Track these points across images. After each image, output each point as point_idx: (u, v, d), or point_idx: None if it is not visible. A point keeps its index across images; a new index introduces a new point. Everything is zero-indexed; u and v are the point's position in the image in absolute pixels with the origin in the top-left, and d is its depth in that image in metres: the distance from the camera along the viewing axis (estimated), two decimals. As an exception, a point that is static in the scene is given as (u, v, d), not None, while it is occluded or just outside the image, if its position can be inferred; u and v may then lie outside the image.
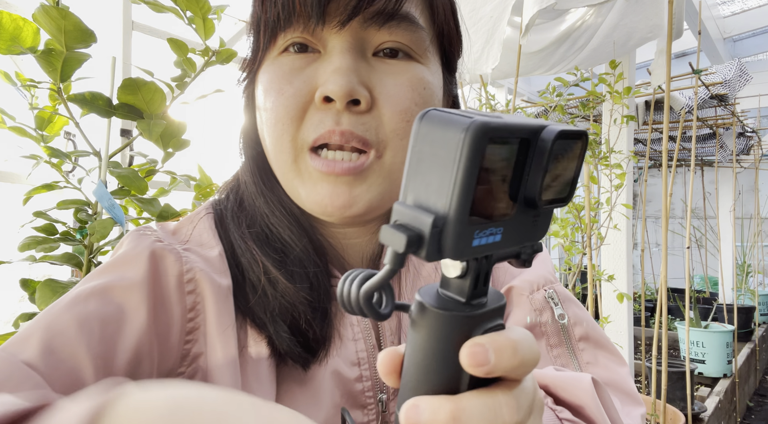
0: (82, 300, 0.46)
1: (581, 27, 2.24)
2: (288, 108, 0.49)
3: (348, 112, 0.48)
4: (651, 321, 4.42)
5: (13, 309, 1.29)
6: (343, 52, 0.48)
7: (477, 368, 0.27)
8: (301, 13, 0.48)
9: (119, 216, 1.08)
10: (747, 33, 5.26)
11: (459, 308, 0.27)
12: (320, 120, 0.48)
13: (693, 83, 2.62)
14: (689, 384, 2.37)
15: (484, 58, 1.96)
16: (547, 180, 0.27)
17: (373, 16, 0.48)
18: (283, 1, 0.48)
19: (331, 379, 0.52)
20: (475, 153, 0.24)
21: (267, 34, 0.51)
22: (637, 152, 4.41)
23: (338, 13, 0.48)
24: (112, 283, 0.48)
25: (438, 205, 0.25)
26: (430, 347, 0.28)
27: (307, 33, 0.49)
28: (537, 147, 0.26)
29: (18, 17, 0.99)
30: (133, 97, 1.13)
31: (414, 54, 0.51)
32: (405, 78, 0.50)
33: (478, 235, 0.26)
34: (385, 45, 0.50)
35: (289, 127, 0.49)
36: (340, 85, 0.46)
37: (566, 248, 2.05)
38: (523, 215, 0.28)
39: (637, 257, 5.44)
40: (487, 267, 0.28)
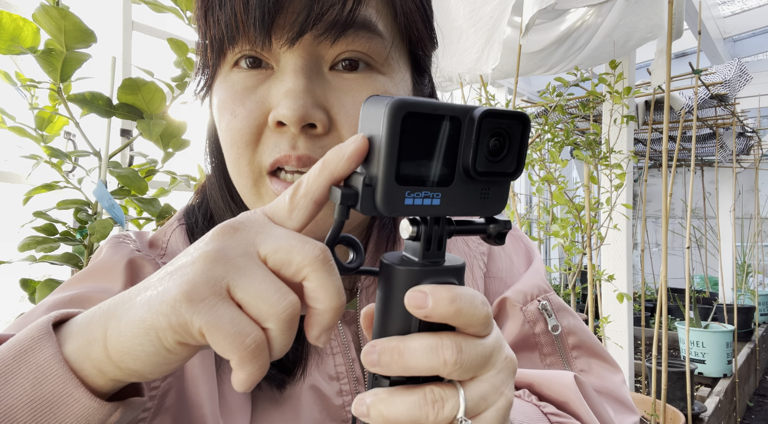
0: (60, 308, 0.45)
1: (581, 27, 2.24)
2: (242, 132, 0.46)
3: (304, 135, 0.45)
4: (651, 321, 4.42)
5: (13, 309, 1.29)
6: (295, 71, 0.44)
7: (416, 311, 0.30)
8: (245, 32, 0.44)
9: (119, 216, 1.08)
10: (747, 33, 5.26)
11: (410, 264, 0.32)
12: (275, 144, 0.46)
13: (693, 83, 2.62)
14: (689, 384, 2.37)
15: (484, 58, 1.96)
16: (484, 154, 0.31)
17: (326, 29, 0.43)
18: (226, 20, 0.44)
19: (310, 395, 0.50)
20: (393, 123, 0.29)
21: (215, 50, 0.47)
22: (637, 152, 4.41)
23: (286, 30, 0.43)
24: (90, 293, 0.48)
25: (371, 168, 0.30)
26: (386, 298, 0.32)
27: (257, 48, 0.46)
28: (466, 124, 0.30)
29: (18, 17, 0.99)
30: (133, 97, 1.13)
31: (375, 64, 0.47)
32: (365, 95, 0.46)
33: (410, 195, 0.30)
34: (343, 56, 0.46)
35: (245, 151, 0.47)
36: (293, 110, 0.43)
37: (566, 248, 2.05)
38: (465, 186, 0.32)
39: (637, 257, 5.44)
40: (440, 232, 0.32)
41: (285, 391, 0.50)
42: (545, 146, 2.39)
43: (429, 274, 0.32)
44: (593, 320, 2.17)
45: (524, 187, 5.09)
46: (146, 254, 0.53)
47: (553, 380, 0.49)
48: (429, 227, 0.32)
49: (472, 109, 0.30)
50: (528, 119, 0.32)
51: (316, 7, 0.42)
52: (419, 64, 0.53)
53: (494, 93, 3.99)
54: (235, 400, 0.49)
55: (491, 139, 0.31)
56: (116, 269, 0.50)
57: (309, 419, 0.50)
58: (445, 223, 0.33)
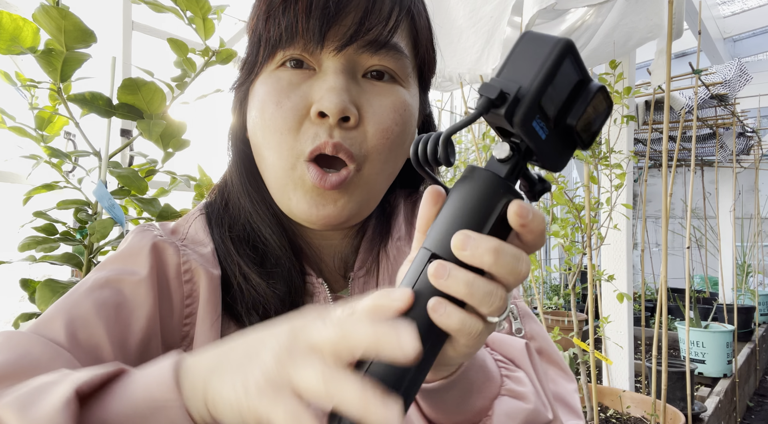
0: (97, 288, 0.53)
1: (581, 27, 2.24)
2: (286, 120, 0.54)
3: (339, 127, 0.53)
4: (651, 321, 4.42)
5: (13, 309, 1.29)
6: (337, 72, 0.54)
7: (520, 220, 0.35)
8: (303, 37, 0.53)
9: (119, 216, 1.08)
10: (747, 33, 5.26)
11: (500, 174, 0.37)
12: (316, 133, 0.53)
13: (693, 83, 2.62)
14: (689, 384, 2.37)
15: (484, 58, 1.96)
16: (583, 121, 0.36)
17: (367, 44, 0.54)
18: (287, 24, 0.53)
19: None
20: (559, 56, 0.34)
21: (267, 50, 0.55)
22: (637, 152, 4.41)
23: (336, 40, 0.53)
24: (122, 275, 0.55)
25: (524, 82, 0.34)
26: (472, 197, 0.36)
27: (306, 52, 0.55)
28: (587, 89, 0.36)
29: (18, 17, 0.99)
30: (133, 97, 1.13)
31: (398, 78, 0.58)
32: (389, 100, 0.56)
33: (537, 120, 0.35)
34: (374, 68, 0.56)
35: (287, 136, 0.54)
36: (335, 103, 0.51)
37: (566, 248, 2.05)
38: (558, 138, 0.37)
39: (637, 257, 5.43)
40: (522, 164, 0.37)
41: None
42: (545, 146, 2.39)
43: (510, 189, 0.36)
44: (593, 320, 2.17)
45: (524, 187, 5.08)
46: (168, 238, 0.59)
47: (505, 341, 0.57)
48: (521, 156, 0.37)
49: (591, 80, 0.36)
50: (611, 111, 0.38)
51: (366, 24, 0.53)
52: (425, 83, 0.64)
53: (494, 93, 3.99)
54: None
55: (592, 112, 0.36)
56: (142, 253, 0.56)
57: None
58: (529, 158, 0.37)
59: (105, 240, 1.09)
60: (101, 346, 0.50)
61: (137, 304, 0.53)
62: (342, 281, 0.65)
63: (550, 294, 4.90)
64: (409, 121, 0.58)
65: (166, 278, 0.56)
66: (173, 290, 0.56)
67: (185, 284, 0.56)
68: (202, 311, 0.56)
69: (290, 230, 0.62)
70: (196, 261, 0.57)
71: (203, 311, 0.55)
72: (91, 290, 0.53)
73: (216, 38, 1.24)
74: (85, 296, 0.52)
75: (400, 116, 0.57)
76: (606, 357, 2.15)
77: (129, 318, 0.53)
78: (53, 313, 0.51)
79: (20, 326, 1.14)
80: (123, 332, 0.52)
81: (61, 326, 0.50)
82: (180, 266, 0.57)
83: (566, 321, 3.61)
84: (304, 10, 0.52)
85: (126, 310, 0.53)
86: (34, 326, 0.50)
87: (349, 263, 0.65)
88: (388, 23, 0.54)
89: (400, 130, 0.57)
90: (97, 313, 0.51)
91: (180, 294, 0.56)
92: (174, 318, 0.56)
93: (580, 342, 2.05)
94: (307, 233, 0.63)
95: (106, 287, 0.54)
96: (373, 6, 0.54)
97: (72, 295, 0.53)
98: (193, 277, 0.57)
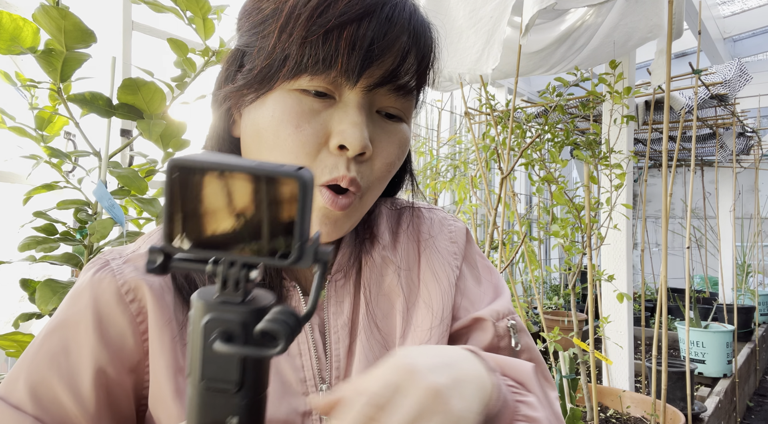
0: (49, 336, 0.57)
1: (581, 27, 2.24)
2: (305, 145, 0.55)
3: (354, 161, 0.56)
4: (651, 321, 4.42)
5: (13, 309, 1.29)
6: (359, 108, 0.55)
7: None
8: (338, 71, 0.53)
9: (119, 216, 1.08)
10: (747, 33, 5.26)
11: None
12: (335, 164, 0.55)
13: (693, 83, 2.62)
14: (689, 384, 2.37)
15: (484, 58, 1.97)
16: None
17: (396, 88, 0.56)
18: (325, 55, 0.52)
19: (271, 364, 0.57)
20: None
21: (292, 71, 0.54)
22: (637, 152, 4.41)
23: (371, 79, 0.55)
24: (67, 317, 0.58)
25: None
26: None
27: (333, 85, 0.55)
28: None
29: (18, 17, 0.99)
30: (133, 97, 1.13)
31: (405, 118, 0.61)
32: (397, 138, 0.59)
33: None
34: (390, 110, 0.59)
35: (302, 161, 0.55)
36: (359, 140, 0.54)
37: (566, 248, 2.05)
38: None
39: (637, 257, 5.43)
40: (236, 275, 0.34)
41: None
42: (545, 146, 2.39)
43: (213, 308, 0.33)
44: (593, 320, 2.17)
45: (524, 187, 5.08)
46: (104, 267, 0.61)
47: (515, 365, 0.58)
48: (225, 267, 0.33)
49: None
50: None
51: (402, 70, 0.55)
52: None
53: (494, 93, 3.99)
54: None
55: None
56: (83, 292, 0.59)
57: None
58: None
59: (105, 240, 1.09)
60: (59, 397, 0.54)
61: (80, 344, 0.56)
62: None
63: (550, 294, 4.90)
64: (405, 152, 0.62)
65: (107, 306, 0.58)
66: (117, 315, 0.57)
67: (131, 304, 0.58)
68: (152, 323, 0.57)
69: None
70: (134, 278, 0.58)
71: (153, 322, 0.57)
72: (44, 339, 0.57)
73: (216, 38, 1.24)
74: (39, 348, 0.56)
75: (402, 152, 0.61)
76: (606, 357, 2.15)
77: (77, 360, 0.56)
78: (17, 373, 0.55)
79: (20, 326, 1.15)
80: (73, 376, 0.55)
81: (23, 387, 0.54)
82: (119, 289, 0.58)
83: (566, 321, 3.61)
84: (347, 46, 0.52)
85: (73, 353, 0.56)
86: (3, 388, 0.55)
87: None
88: (418, 71, 0.57)
89: (399, 162, 0.61)
90: (50, 365, 0.55)
91: (128, 315, 0.58)
92: (128, 339, 0.58)
93: (580, 342, 2.06)
94: None
95: (55, 333, 0.57)
96: (408, 53, 0.55)
97: (32, 347, 0.57)
98: (136, 295, 0.58)
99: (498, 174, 2.17)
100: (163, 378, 0.56)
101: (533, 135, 2.34)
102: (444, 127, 4.02)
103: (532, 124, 2.80)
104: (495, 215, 2.03)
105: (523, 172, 3.74)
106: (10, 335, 1.06)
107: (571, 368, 2.02)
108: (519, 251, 2.58)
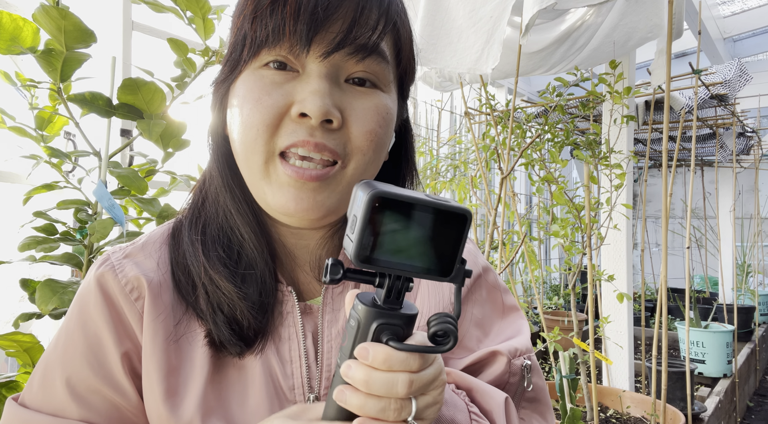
0: (71, 338, 0.59)
1: (581, 27, 2.24)
2: (264, 116, 0.54)
3: (321, 128, 0.54)
4: (651, 321, 4.42)
5: (13, 309, 1.29)
6: (321, 76, 0.54)
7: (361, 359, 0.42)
8: (289, 39, 0.53)
9: (119, 216, 1.08)
10: (747, 33, 5.26)
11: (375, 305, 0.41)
12: (293, 130, 0.54)
13: (693, 83, 2.62)
14: (689, 384, 2.37)
15: (484, 58, 1.96)
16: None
17: (354, 51, 0.55)
18: (274, 26, 0.53)
19: (263, 370, 0.59)
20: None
21: (252, 49, 0.55)
22: (637, 152, 4.41)
23: (323, 45, 0.54)
24: (82, 315, 0.59)
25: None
26: (357, 327, 0.43)
27: (291, 55, 0.55)
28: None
29: (18, 17, 0.99)
30: (133, 97, 1.13)
31: (380, 84, 0.58)
32: (372, 103, 0.57)
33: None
34: (357, 75, 0.57)
35: (264, 133, 0.54)
36: (318, 106, 0.52)
37: (566, 248, 2.05)
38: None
39: (637, 257, 5.43)
40: (395, 286, 0.42)
41: (243, 359, 0.59)
42: (545, 146, 2.39)
43: (383, 315, 0.41)
44: (593, 320, 2.17)
45: (524, 187, 5.08)
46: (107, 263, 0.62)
47: (487, 392, 0.61)
48: (392, 280, 0.41)
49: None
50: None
51: (353, 32, 0.54)
52: (404, 91, 0.66)
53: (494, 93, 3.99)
54: (197, 357, 0.58)
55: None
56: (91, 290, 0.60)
57: (259, 391, 0.58)
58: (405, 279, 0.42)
59: (105, 240, 1.09)
60: (102, 392, 0.57)
61: (101, 337, 0.58)
62: (316, 285, 0.66)
63: (550, 294, 4.89)
64: (390, 124, 0.60)
65: (116, 300, 0.59)
66: (127, 311, 0.59)
67: (136, 302, 0.59)
68: (147, 321, 0.58)
69: (267, 229, 0.63)
70: (134, 275, 0.60)
71: (147, 321, 0.58)
72: (66, 342, 0.59)
73: (216, 38, 1.24)
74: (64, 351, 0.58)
75: (383, 118, 0.58)
76: (606, 357, 2.15)
77: (105, 353, 0.58)
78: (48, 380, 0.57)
79: (20, 326, 1.14)
80: (106, 368, 0.58)
81: (62, 391, 0.56)
82: (123, 288, 0.59)
83: (566, 321, 3.61)
84: (292, 13, 0.52)
85: (98, 347, 0.58)
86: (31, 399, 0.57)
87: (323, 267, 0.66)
88: (374, 32, 0.55)
89: (383, 132, 0.58)
90: (82, 363, 0.57)
91: (136, 312, 0.59)
92: (139, 332, 0.59)
93: (580, 342, 2.06)
94: (285, 232, 0.64)
95: (75, 333, 0.59)
96: (361, 15, 0.54)
97: (56, 352, 0.59)
98: (140, 293, 0.59)
99: (498, 174, 2.17)
100: (154, 379, 0.56)
101: (533, 135, 2.34)
102: (444, 127, 4.02)
103: (532, 124, 2.80)
104: (495, 214, 2.03)
105: (523, 172, 3.74)
106: (10, 335, 1.05)
107: (571, 368, 2.02)
108: (519, 251, 2.58)
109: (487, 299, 0.72)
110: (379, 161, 0.61)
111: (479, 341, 0.68)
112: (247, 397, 0.58)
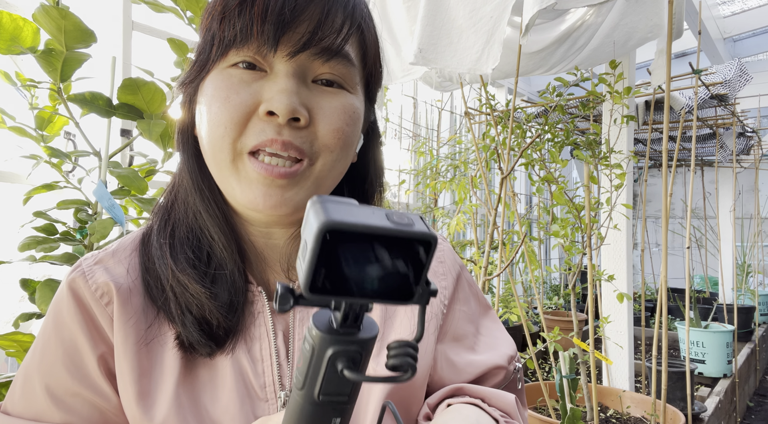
0: (47, 344, 0.59)
1: (581, 27, 2.24)
2: (232, 114, 0.55)
3: (288, 126, 0.55)
4: (651, 321, 4.42)
5: (13, 309, 1.29)
6: (288, 76, 0.55)
7: None
8: (257, 39, 0.54)
9: (119, 216, 1.08)
10: (747, 33, 5.26)
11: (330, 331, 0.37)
12: (262, 129, 0.55)
13: (693, 83, 2.62)
14: (689, 384, 2.37)
15: (484, 58, 1.96)
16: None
17: (320, 52, 0.56)
18: (242, 26, 0.54)
19: (234, 368, 0.60)
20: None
21: (220, 49, 0.56)
22: (637, 152, 4.41)
23: (290, 45, 0.55)
24: (56, 321, 0.60)
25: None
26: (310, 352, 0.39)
27: (259, 55, 0.56)
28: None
29: (18, 17, 0.99)
30: (133, 97, 1.13)
31: (346, 85, 0.60)
32: (339, 102, 0.58)
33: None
34: (324, 76, 0.58)
35: (231, 131, 0.55)
36: (285, 105, 0.53)
37: (566, 248, 2.05)
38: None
39: (637, 257, 5.43)
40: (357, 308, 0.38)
41: (214, 358, 0.60)
42: (545, 146, 2.39)
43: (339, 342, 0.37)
44: (593, 320, 2.17)
45: (524, 187, 5.08)
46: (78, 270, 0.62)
47: (501, 396, 0.64)
48: (348, 305, 0.37)
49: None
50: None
51: (319, 34, 0.55)
52: (371, 94, 0.67)
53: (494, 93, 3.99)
54: (168, 359, 0.59)
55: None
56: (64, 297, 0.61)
57: (229, 389, 0.59)
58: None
59: (105, 240, 1.09)
60: (82, 395, 0.58)
61: (77, 341, 0.59)
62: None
63: (550, 294, 4.90)
64: (357, 123, 0.61)
65: (87, 305, 0.60)
66: (98, 316, 0.60)
67: (107, 307, 0.60)
68: (117, 325, 0.59)
69: (237, 229, 0.64)
70: (104, 281, 0.60)
71: (118, 325, 0.59)
72: (43, 348, 0.60)
73: (216, 38, 1.23)
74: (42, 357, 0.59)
75: (350, 117, 0.59)
76: (606, 357, 2.15)
77: (80, 356, 0.59)
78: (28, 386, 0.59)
79: (20, 325, 1.14)
80: (83, 371, 0.59)
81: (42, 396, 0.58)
82: (94, 293, 0.60)
83: (566, 321, 3.61)
84: (259, 14, 0.53)
85: (74, 351, 0.59)
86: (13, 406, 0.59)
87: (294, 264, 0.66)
88: (339, 34, 0.56)
89: (350, 131, 0.59)
90: (61, 368, 0.58)
91: (107, 317, 0.60)
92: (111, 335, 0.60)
93: (580, 342, 2.06)
94: (255, 231, 0.65)
95: (51, 340, 0.59)
96: (326, 17, 0.55)
97: (33, 358, 0.60)
98: (111, 298, 0.60)
99: (498, 174, 2.17)
100: (127, 381, 0.57)
101: (533, 135, 2.34)
102: (444, 127, 4.02)
103: (532, 124, 2.80)
104: (495, 214, 2.03)
105: (523, 172, 3.74)
106: (10, 335, 1.05)
107: (571, 368, 2.02)
108: (519, 250, 2.58)
109: (470, 294, 0.75)
110: (347, 160, 0.62)
111: (474, 337, 0.72)
112: (219, 396, 0.59)
